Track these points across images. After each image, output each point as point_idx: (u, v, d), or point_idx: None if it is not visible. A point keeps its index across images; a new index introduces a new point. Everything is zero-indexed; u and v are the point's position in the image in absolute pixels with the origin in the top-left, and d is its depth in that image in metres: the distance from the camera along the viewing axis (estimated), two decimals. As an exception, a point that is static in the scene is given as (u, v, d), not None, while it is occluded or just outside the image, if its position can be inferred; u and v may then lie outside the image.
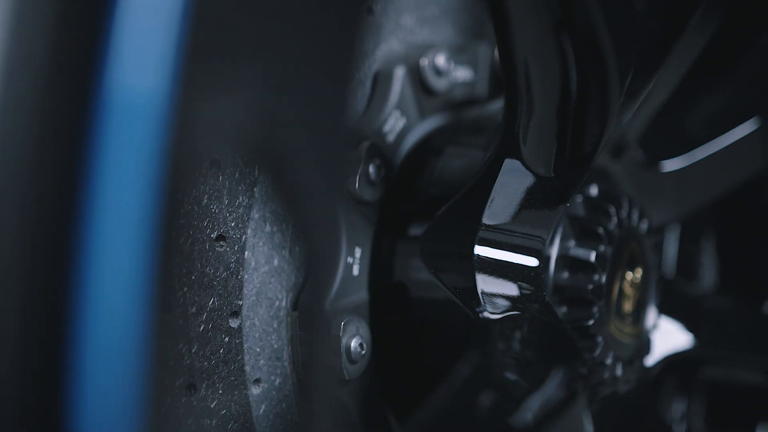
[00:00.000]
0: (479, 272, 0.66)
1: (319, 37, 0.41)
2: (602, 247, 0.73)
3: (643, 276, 0.80)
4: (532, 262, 0.69)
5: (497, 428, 0.53)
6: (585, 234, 0.74)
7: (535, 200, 0.67)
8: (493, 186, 0.65)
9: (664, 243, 1.08)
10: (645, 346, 0.82)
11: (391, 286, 0.73)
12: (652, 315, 0.82)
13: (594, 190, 0.77)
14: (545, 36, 0.56)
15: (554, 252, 0.73)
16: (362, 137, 0.71)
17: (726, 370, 0.97)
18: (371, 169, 0.70)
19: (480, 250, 0.66)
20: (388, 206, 0.75)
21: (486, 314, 0.63)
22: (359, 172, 0.70)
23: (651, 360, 0.86)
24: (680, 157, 0.86)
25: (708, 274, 1.14)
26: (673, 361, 0.89)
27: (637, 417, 0.85)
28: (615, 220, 0.75)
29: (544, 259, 0.71)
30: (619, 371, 0.76)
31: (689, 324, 0.90)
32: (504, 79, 0.59)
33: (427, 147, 0.77)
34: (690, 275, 1.11)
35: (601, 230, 0.73)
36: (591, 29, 0.56)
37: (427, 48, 0.79)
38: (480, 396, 0.55)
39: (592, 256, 0.73)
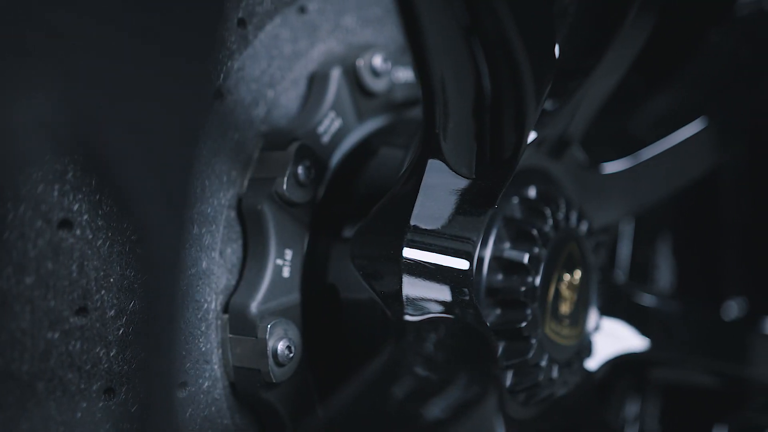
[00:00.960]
0: (407, 275, 0.65)
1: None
2: (536, 249, 0.72)
3: (582, 278, 0.79)
4: (462, 264, 0.68)
5: (404, 423, 0.52)
6: (519, 236, 0.73)
7: (463, 202, 0.66)
8: (419, 187, 0.64)
9: (618, 245, 1.07)
10: (586, 348, 0.81)
11: (325, 288, 0.72)
12: (593, 317, 0.82)
13: (532, 192, 0.76)
14: (454, 40, 0.55)
15: (488, 254, 0.72)
16: (292, 138, 0.70)
17: (674, 372, 0.96)
18: (300, 170, 0.70)
19: (408, 253, 0.65)
20: (323, 208, 0.74)
21: (407, 317, 0.62)
22: (287, 173, 0.69)
23: (594, 362, 0.86)
24: (624, 158, 0.86)
25: (664, 277, 1.14)
26: (619, 363, 0.89)
27: (581, 419, 0.84)
28: (551, 221, 0.74)
29: (474, 262, 0.70)
30: (555, 373, 0.75)
31: (635, 326, 0.89)
32: (418, 80, 0.58)
33: (364, 148, 0.76)
34: (645, 277, 1.11)
35: (535, 232, 0.73)
36: (500, 34, 0.55)
37: (365, 49, 0.78)
38: (389, 392, 0.54)
39: (525, 258, 0.72)
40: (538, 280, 0.72)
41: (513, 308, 0.72)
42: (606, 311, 0.86)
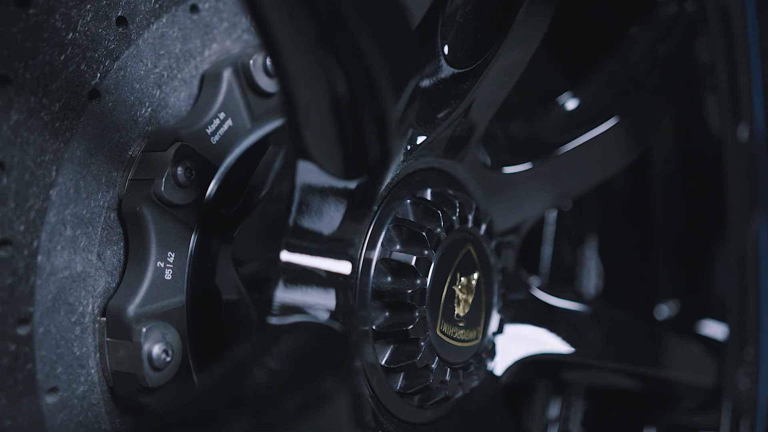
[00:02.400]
0: (285, 278, 0.63)
1: None
2: (425, 251, 0.71)
3: (481, 280, 0.77)
4: (343, 267, 0.66)
5: (249, 420, 0.50)
6: (410, 238, 0.71)
7: (341, 204, 0.64)
8: (293, 189, 0.62)
9: (543, 247, 1.06)
10: (487, 350, 0.79)
11: (212, 291, 0.70)
12: (495, 319, 0.80)
13: (427, 193, 0.74)
14: (304, 47, 0.53)
15: (375, 256, 0.70)
16: (175, 139, 0.68)
17: (589, 374, 0.94)
18: (180, 171, 0.68)
19: (287, 256, 0.63)
20: (212, 208, 0.72)
21: (274, 320, 0.60)
22: (166, 174, 0.67)
23: (499, 364, 0.84)
24: (533, 160, 0.84)
25: (590, 279, 1.12)
26: (529, 365, 0.87)
27: (486, 422, 0.82)
28: (443, 223, 0.72)
29: (356, 264, 0.68)
30: (447, 375, 0.73)
31: (544, 328, 0.87)
32: (277, 82, 0.56)
33: (255, 148, 0.74)
34: (572, 280, 1.09)
35: (424, 234, 0.71)
36: (349, 42, 0.53)
37: (259, 48, 0.76)
38: (240, 389, 0.52)
39: (413, 260, 0.70)
40: (427, 283, 0.70)
41: (401, 311, 0.70)
42: (512, 313, 0.85)
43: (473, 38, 0.72)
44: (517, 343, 0.85)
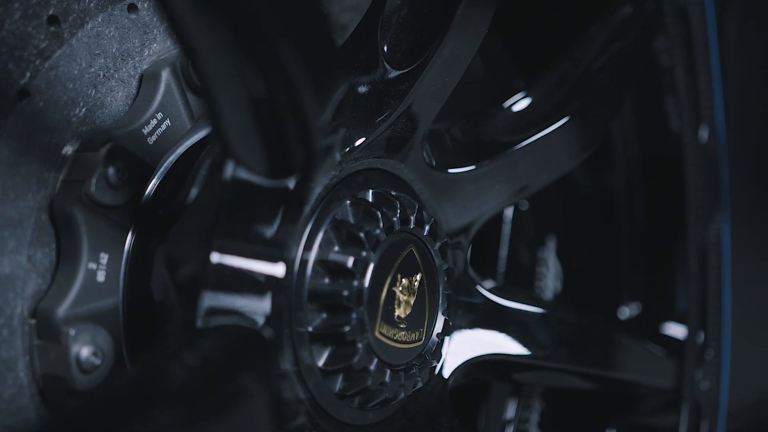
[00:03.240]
0: (215, 280, 0.61)
1: None
2: (363, 253, 0.69)
3: (424, 281, 0.76)
4: (277, 269, 0.65)
5: (163, 420, 0.49)
6: (348, 239, 0.70)
7: (270, 204, 0.63)
8: (221, 189, 0.61)
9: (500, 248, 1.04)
10: (431, 352, 0.78)
11: (147, 292, 0.69)
12: (441, 320, 0.78)
13: (367, 194, 0.73)
14: (220, 52, 0.52)
15: (312, 257, 0.69)
16: (108, 139, 0.67)
17: (539, 375, 0.93)
18: (111, 171, 0.66)
19: (217, 258, 0.62)
20: (148, 209, 0.70)
21: (199, 322, 0.59)
22: (97, 175, 0.65)
23: (446, 365, 0.83)
24: (479, 161, 0.83)
25: (549, 280, 1.11)
26: (479, 367, 0.86)
27: (433, 423, 0.81)
28: (383, 224, 0.71)
29: (291, 266, 0.67)
30: (387, 377, 0.72)
31: (493, 329, 0.86)
32: (199, 83, 0.55)
33: (194, 149, 0.73)
34: (527, 280, 1.08)
35: (362, 235, 0.69)
36: (266, 46, 0.52)
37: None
38: (151, 390, 0.51)
39: (349, 262, 0.69)
40: (365, 284, 0.69)
41: (338, 312, 0.69)
42: (459, 314, 0.83)
43: (411, 38, 0.71)
44: (465, 344, 0.83)
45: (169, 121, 0.72)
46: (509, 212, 1.03)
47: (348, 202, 0.71)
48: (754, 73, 1.41)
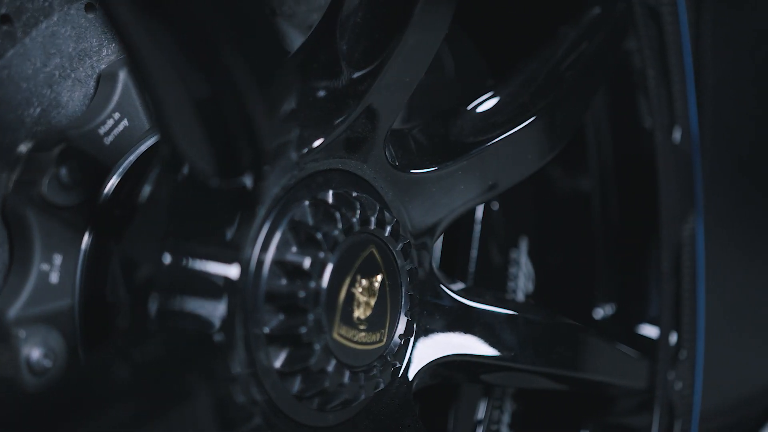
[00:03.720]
0: (167, 282, 0.61)
1: None
2: (321, 254, 0.68)
3: (386, 282, 0.75)
4: (231, 270, 0.64)
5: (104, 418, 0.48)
6: (306, 240, 0.69)
7: (222, 205, 0.62)
8: (173, 190, 0.60)
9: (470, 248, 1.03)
10: (393, 352, 0.77)
11: (101, 294, 0.68)
12: (403, 321, 0.78)
13: (327, 194, 0.72)
14: (157, 52, 0.51)
15: (269, 258, 0.68)
16: (61, 139, 0.66)
17: (507, 377, 0.92)
18: (64, 172, 0.65)
19: (169, 259, 0.61)
20: (106, 210, 0.70)
21: (149, 324, 0.58)
22: (49, 175, 0.65)
23: (411, 366, 0.82)
24: (443, 161, 0.82)
25: (520, 281, 1.10)
26: (444, 367, 0.85)
27: (395, 423, 0.80)
28: (342, 225, 0.70)
29: (247, 267, 0.66)
30: (346, 379, 0.71)
31: (458, 330, 0.85)
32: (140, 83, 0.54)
33: (153, 149, 0.72)
34: (498, 281, 1.07)
35: (320, 236, 0.69)
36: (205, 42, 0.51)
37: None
38: (91, 390, 0.50)
39: (306, 263, 0.68)
40: (322, 285, 0.68)
41: (294, 314, 0.68)
42: (424, 315, 0.82)
43: (370, 38, 0.70)
44: (431, 345, 0.83)
45: (126, 121, 0.71)
46: (480, 213, 1.02)
47: (307, 202, 0.70)
48: (730, 73, 1.41)
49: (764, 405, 1.69)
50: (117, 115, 0.71)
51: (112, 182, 0.70)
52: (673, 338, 1.13)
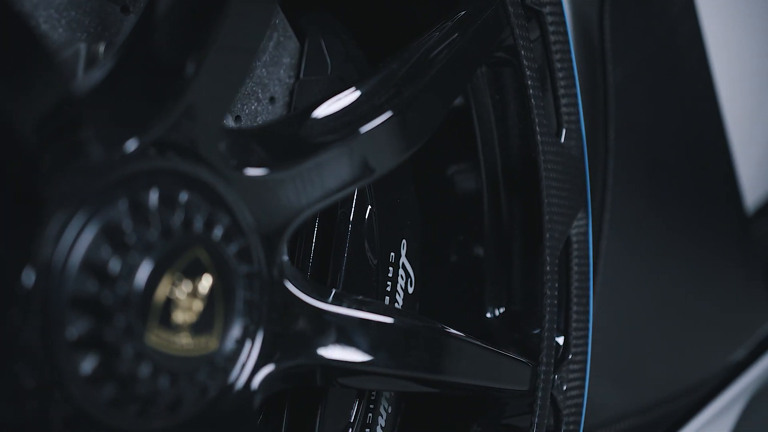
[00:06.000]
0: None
1: None
2: (132, 256, 0.65)
3: (217, 285, 0.72)
4: (25, 276, 0.61)
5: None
6: (119, 242, 0.66)
7: (23, 204, 0.59)
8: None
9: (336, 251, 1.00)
10: (227, 357, 0.74)
11: None
12: (238, 326, 0.74)
13: (149, 196, 0.69)
14: None
15: (77, 261, 0.64)
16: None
17: (365, 380, 0.89)
18: None
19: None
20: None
21: None
22: None
23: (256, 371, 0.79)
24: (289, 161, 0.79)
25: (399, 284, 1.07)
26: (294, 372, 0.82)
27: (235, 429, 0.77)
28: (159, 226, 0.67)
29: (48, 271, 0.63)
30: (164, 384, 0.68)
31: (312, 335, 0.82)
32: None
33: None
34: (371, 284, 1.04)
35: (134, 238, 0.65)
36: None
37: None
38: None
39: (114, 266, 0.65)
40: (133, 289, 0.65)
41: (102, 319, 0.65)
42: (273, 319, 0.79)
43: (183, 38, 0.67)
44: (278, 350, 0.79)
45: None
46: (353, 215, 0.99)
47: (123, 203, 0.67)
48: (636, 73, 1.39)
49: (681, 406, 1.67)
50: None
51: None
52: (559, 340, 1.11)
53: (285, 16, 1.03)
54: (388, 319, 0.87)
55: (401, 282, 1.04)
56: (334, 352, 0.83)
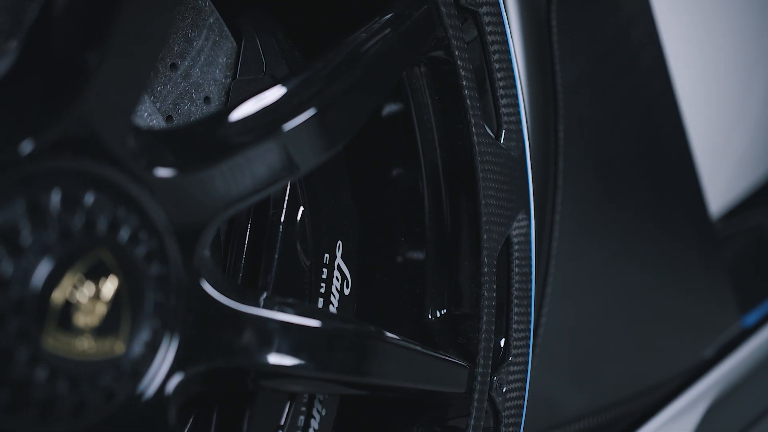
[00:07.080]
0: None
1: None
2: (27, 258, 0.64)
3: (123, 288, 0.70)
4: None
5: None
6: (13, 244, 0.64)
7: None
8: None
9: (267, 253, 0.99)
10: (134, 361, 0.72)
11: None
12: (147, 329, 0.73)
13: (49, 196, 0.67)
14: None
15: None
16: None
17: (289, 383, 0.87)
18: None
19: None
20: None
21: None
22: None
23: (169, 375, 0.77)
24: (205, 161, 0.77)
25: (334, 287, 1.06)
26: (212, 375, 0.80)
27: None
28: (58, 227, 0.66)
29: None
30: (63, 389, 0.66)
31: (228, 338, 0.81)
32: None
33: None
34: (303, 286, 1.02)
35: (26, 240, 0.64)
36: None
37: None
38: None
39: (7, 268, 0.63)
40: (27, 292, 0.64)
41: (-4, 322, 0.63)
42: (188, 322, 0.78)
43: (81, 28, 0.65)
44: (195, 353, 0.78)
45: None
46: (284, 216, 0.97)
47: (18, 204, 0.65)
48: (587, 73, 1.37)
49: (641, 405, 1.66)
50: None
51: None
52: (498, 341, 1.09)
53: (221, 16, 1.02)
54: (312, 322, 0.85)
55: (336, 284, 1.03)
56: (252, 355, 0.82)
